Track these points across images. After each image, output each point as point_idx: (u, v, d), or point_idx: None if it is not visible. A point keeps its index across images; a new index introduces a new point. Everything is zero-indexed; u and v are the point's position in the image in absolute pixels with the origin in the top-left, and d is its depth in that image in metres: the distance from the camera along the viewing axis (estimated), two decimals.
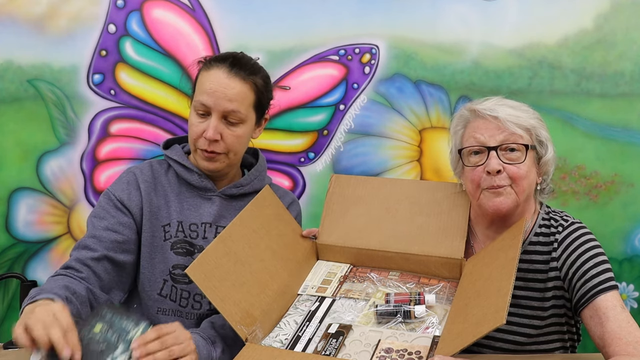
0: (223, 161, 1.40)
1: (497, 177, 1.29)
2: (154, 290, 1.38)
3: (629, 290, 1.95)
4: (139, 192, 1.39)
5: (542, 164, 1.34)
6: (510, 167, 1.29)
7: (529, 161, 1.31)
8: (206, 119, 1.36)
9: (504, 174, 1.29)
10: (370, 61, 1.91)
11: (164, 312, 1.39)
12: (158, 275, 1.38)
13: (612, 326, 1.16)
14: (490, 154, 1.30)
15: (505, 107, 1.33)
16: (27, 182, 1.92)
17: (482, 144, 1.31)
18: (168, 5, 1.88)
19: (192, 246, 1.39)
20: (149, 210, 1.38)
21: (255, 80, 1.39)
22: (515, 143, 1.30)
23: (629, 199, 1.91)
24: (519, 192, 1.30)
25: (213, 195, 1.43)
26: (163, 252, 1.38)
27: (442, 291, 1.30)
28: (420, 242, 1.37)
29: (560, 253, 1.31)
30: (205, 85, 1.35)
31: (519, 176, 1.29)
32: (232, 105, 1.35)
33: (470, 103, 1.39)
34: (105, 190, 1.41)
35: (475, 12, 1.87)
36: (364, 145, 1.95)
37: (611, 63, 1.87)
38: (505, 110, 1.32)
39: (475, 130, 1.33)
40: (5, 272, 1.92)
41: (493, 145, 1.30)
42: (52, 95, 1.90)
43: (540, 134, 1.33)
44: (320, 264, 1.44)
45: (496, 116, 1.31)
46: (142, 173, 1.42)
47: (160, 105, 1.92)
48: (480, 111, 1.33)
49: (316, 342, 1.18)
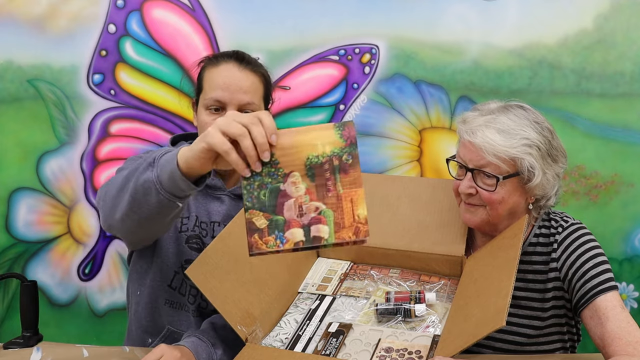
0: None
1: (471, 198, 1.30)
2: (164, 281, 1.37)
3: (629, 290, 1.95)
4: None
5: (531, 187, 1.29)
6: (483, 192, 1.28)
7: (508, 187, 1.28)
8: (220, 114, 1.35)
9: (478, 195, 1.29)
10: (370, 61, 1.91)
11: (171, 305, 1.38)
12: (171, 265, 1.37)
13: (612, 326, 1.16)
14: (466, 174, 1.30)
15: (490, 130, 1.26)
16: (27, 182, 1.92)
17: (463, 162, 1.31)
18: (168, 5, 1.88)
19: (203, 244, 1.39)
20: None
21: (262, 71, 1.42)
22: (489, 172, 1.26)
23: (629, 199, 1.91)
24: (492, 214, 1.30)
25: (222, 194, 1.43)
26: (178, 243, 1.37)
27: (443, 289, 1.30)
28: (421, 240, 1.37)
29: (560, 254, 1.31)
30: (217, 81, 1.35)
31: (492, 201, 1.28)
32: (248, 97, 1.35)
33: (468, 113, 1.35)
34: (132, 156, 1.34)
35: (475, 12, 1.87)
36: (364, 145, 1.95)
37: (611, 63, 1.87)
38: (486, 136, 1.25)
39: (462, 146, 1.32)
40: (5, 272, 1.92)
41: (470, 167, 1.29)
42: (52, 95, 1.90)
43: (525, 163, 1.25)
44: (320, 261, 1.44)
45: (472, 141, 1.27)
46: None
47: (160, 105, 1.92)
48: (460, 132, 1.31)
49: (316, 341, 1.18)
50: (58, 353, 1.22)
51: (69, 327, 1.97)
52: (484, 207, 1.30)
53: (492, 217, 1.30)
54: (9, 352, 1.24)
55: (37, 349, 1.22)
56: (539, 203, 1.34)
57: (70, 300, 1.97)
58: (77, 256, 1.96)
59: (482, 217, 1.31)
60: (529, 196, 1.31)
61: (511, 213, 1.32)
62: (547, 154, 1.29)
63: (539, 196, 1.32)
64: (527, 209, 1.34)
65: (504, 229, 1.30)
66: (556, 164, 1.31)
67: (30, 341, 1.28)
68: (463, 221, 1.35)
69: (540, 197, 1.32)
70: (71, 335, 1.96)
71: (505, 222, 1.32)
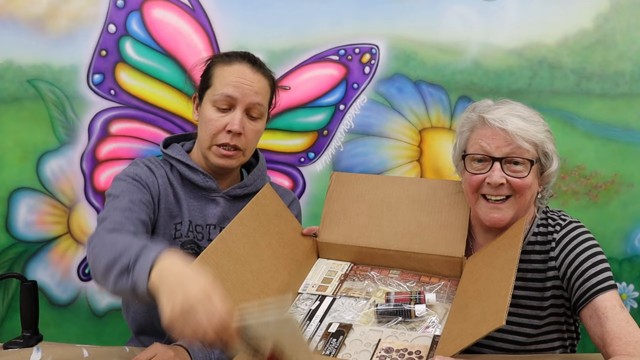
0: (238, 159, 1.39)
1: (500, 189, 1.29)
2: None
3: (629, 290, 1.95)
4: (157, 183, 1.37)
5: (545, 175, 1.33)
6: (513, 180, 1.28)
7: (532, 174, 1.29)
8: (227, 113, 1.36)
9: (507, 185, 1.29)
10: (370, 61, 1.91)
11: None
12: None
13: (611, 326, 1.16)
14: (494, 165, 1.28)
15: (515, 118, 1.28)
16: (27, 182, 1.92)
17: (487, 154, 1.29)
18: (168, 5, 1.88)
19: (199, 248, 1.38)
20: (165, 207, 1.37)
21: (272, 76, 1.44)
22: (521, 157, 1.28)
23: (629, 199, 1.91)
24: (521, 202, 1.30)
25: (217, 196, 1.42)
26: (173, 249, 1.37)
27: (443, 290, 1.30)
28: (421, 240, 1.37)
29: (558, 252, 1.31)
30: (229, 79, 1.35)
31: (523, 187, 1.28)
32: (257, 98, 1.37)
33: (481, 107, 1.35)
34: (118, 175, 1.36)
35: (475, 12, 1.87)
36: (364, 145, 1.95)
37: (611, 63, 1.87)
38: (514, 123, 1.27)
39: (481, 137, 1.31)
40: (5, 272, 1.91)
41: (498, 157, 1.28)
42: (52, 95, 1.90)
43: (547, 147, 1.30)
44: (320, 262, 1.44)
45: (505, 128, 1.27)
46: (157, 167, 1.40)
47: (160, 105, 1.92)
48: (489, 120, 1.29)
49: (316, 341, 1.18)
50: (58, 353, 1.22)
51: (69, 327, 1.97)
52: (511, 200, 1.29)
53: (520, 206, 1.30)
54: (9, 352, 1.24)
55: (37, 349, 1.23)
56: (542, 194, 1.36)
57: (70, 300, 1.97)
58: (77, 256, 1.96)
59: (512, 212, 1.30)
60: (540, 185, 1.34)
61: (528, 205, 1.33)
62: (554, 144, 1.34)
63: (546, 185, 1.35)
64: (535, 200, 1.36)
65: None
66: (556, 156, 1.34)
67: (30, 341, 1.28)
68: (489, 223, 1.31)
69: (546, 185, 1.35)
70: (71, 335, 1.96)
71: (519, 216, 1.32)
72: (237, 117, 1.34)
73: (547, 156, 1.31)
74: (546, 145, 1.30)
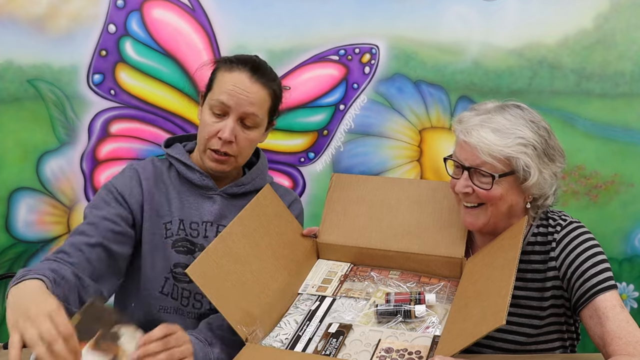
0: (231, 164, 1.40)
1: (468, 197, 1.30)
2: (155, 289, 1.38)
3: (629, 290, 1.95)
4: (141, 188, 1.38)
5: (528, 187, 1.28)
6: (478, 190, 1.28)
7: (504, 186, 1.27)
8: (221, 119, 1.36)
9: (474, 194, 1.29)
10: (370, 61, 1.91)
11: (166, 310, 1.39)
12: (159, 273, 1.38)
13: (611, 326, 1.16)
14: (463, 173, 1.29)
15: (485, 130, 1.26)
16: (27, 182, 1.92)
17: (459, 162, 1.31)
18: (168, 5, 1.89)
19: (193, 245, 1.39)
20: (150, 207, 1.38)
21: (273, 87, 1.41)
22: (483, 170, 1.26)
23: (629, 199, 1.91)
24: (493, 211, 1.29)
25: (214, 194, 1.43)
26: (164, 249, 1.38)
27: (443, 290, 1.30)
28: (421, 241, 1.37)
29: (558, 253, 1.31)
30: (226, 86, 1.35)
31: (491, 197, 1.27)
32: (252, 109, 1.35)
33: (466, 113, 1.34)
34: (105, 183, 1.39)
35: (475, 12, 1.87)
36: (364, 145, 1.95)
37: (611, 63, 1.87)
38: (480, 136, 1.25)
39: (458, 145, 1.32)
40: (5, 272, 1.92)
41: (467, 166, 1.29)
42: (52, 95, 1.90)
43: (520, 162, 1.24)
44: (320, 262, 1.44)
45: (467, 141, 1.27)
46: (145, 170, 1.42)
47: (160, 105, 1.92)
48: (456, 131, 1.31)
49: (316, 341, 1.18)
50: None
51: None
52: (484, 207, 1.30)
53: (493, 215, 1.30)
54: None
55: None
56: (537, 202, 1.33)
57: None
58: None
59: (484, 219, 1.31)
60: (527, 195, 1.31)
61: (510, 212, 1.32)
62: (543, 153, 1.28)
63: (536, 195, 1.31)
64: (525, 209, 1.34)
65: (504, 229, 1.30)
66: (553, 164, 1.30)
67: None
68: (465, 226, 1.34)
69: (537, 196, 1.32)
70: None
71: (504, 222, 1.32)
72: (229, 125, 1.34)
73: (524, 170, 1.26)
74: (518, 161, 1.25)
